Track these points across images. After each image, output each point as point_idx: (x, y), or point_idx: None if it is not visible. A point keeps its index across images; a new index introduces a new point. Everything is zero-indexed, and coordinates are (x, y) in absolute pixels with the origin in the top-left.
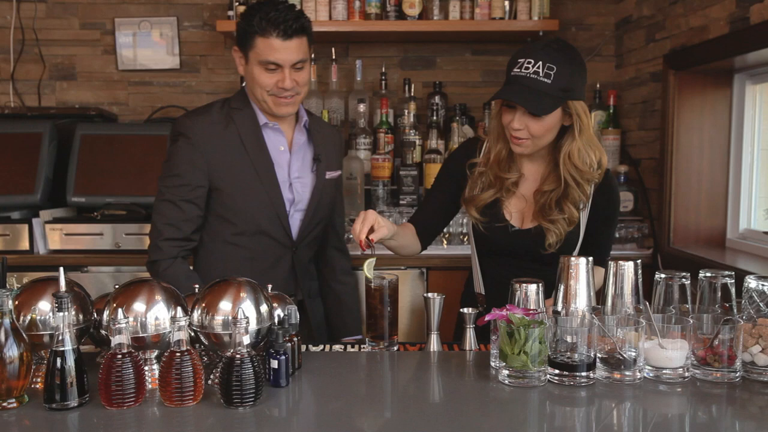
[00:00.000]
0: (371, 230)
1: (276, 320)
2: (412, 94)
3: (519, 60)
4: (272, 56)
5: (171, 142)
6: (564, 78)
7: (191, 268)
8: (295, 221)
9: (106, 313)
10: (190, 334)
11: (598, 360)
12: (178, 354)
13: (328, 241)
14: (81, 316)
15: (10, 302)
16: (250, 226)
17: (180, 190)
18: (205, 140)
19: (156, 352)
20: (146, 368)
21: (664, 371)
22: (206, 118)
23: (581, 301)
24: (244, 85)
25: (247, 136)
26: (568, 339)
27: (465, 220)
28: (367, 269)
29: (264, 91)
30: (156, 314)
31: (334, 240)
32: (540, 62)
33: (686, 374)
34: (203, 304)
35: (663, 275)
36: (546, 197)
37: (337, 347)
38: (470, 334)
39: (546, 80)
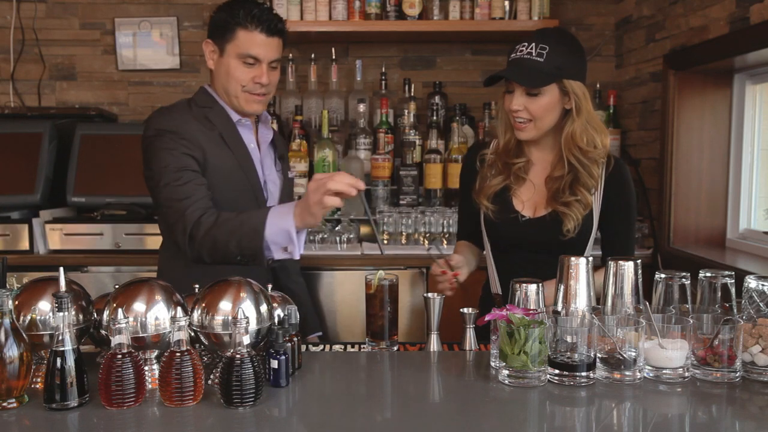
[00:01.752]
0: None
1: (276, 320)
2: (412, 94)
3: (516, 47)
4: (253, 50)
5: (151, 141)
6: (557, 57)
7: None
8: None
9: (106, 313)
10: (190, 334)
11: (598, 360)
12: (178, 354)
13: None
14: (81, 316)
15: (10, 302)
16: None
17: (183, 165)
18: (193, 135)
19: (156, 352)
20: (146, 368)
21: (664, 371)
22: (185, 115)
23: (581, 301)
24: (204, 86)
25: (226, 133)
26: (568, 339)
27: None
28: (377, 279)
29: (238, 86)
30: (156, 314)
31: None
32: (534, 43)
33: (686, 374)
34: (203, 304)
35: (663, 275)
36: (558, 183)
37: (337, 347)
38: (470, 334)
39: (539, 59)
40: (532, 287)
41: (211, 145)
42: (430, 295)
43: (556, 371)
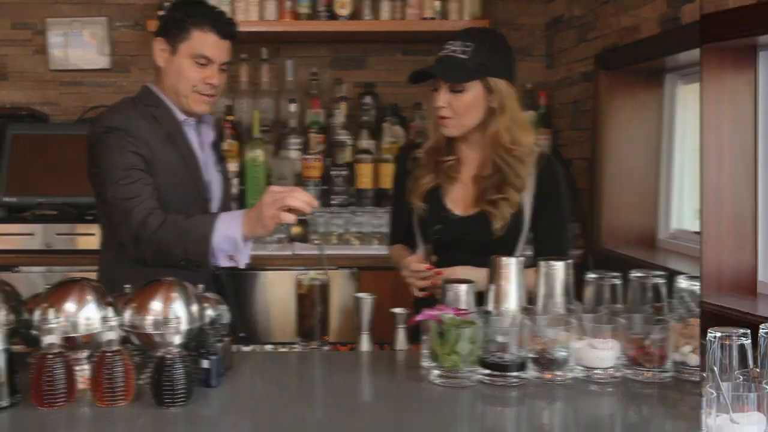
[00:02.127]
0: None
1: (207, 320)
2: (343, 94)
3: (443, 45)
4: (207, 51)
5: (98, 138)
6: (481, 54)
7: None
8: None
9: (37, 313)
10: (121, 333)
11: (529, 360)
12: (109, 354)
13: None
14: (12, 316)
15: None
16: None
17: (131, 164)
18: (141, 134)
19: (87, 352)
20: (77, 368)
21: (595, 371)
22: (132, 113)
23: (512, 301)
24: (147, 84)
25: (172, 132)
26: (499, 339)
27: None
28: (308, 279)
29: (189, 86)
30: (87, 314)
31: None
32: (459, 41)
33: (617, 374)
34: (134, 304)
35: (594, 275)
36: (485, 183)
37: (268, 347)
38: (401, 334)
39: (463, 56)
40: (463, 287)
41: (158, 144)
42: (360, 295)
43: (488, 371)
